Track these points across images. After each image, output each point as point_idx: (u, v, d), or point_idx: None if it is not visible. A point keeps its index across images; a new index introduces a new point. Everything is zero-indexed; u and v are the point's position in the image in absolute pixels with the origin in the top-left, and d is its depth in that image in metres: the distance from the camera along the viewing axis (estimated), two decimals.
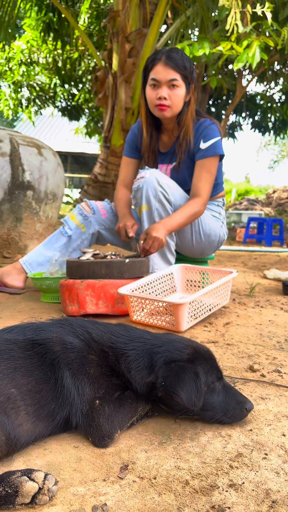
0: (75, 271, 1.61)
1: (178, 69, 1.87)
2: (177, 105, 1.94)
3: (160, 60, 1.88)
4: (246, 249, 4.64)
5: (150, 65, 1.92)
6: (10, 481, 0.60)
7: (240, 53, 3.57)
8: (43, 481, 0.61)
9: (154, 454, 0.77)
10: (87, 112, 9.77)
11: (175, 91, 1.90)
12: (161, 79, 1.88)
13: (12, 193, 2.89)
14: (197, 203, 1.91)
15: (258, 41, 3.52)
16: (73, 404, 0.79)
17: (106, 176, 6.06)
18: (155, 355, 0.85)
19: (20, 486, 0.60)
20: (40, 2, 7.05)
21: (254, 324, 1.59)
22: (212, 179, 1.97)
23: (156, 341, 0.88)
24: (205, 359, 0.86)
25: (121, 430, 0.80)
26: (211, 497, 0.66)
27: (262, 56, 3.57)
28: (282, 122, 8.97)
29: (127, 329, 0.92)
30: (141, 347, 0.87)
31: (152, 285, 1.67)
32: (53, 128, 17.51)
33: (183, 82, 1.91)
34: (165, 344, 0.87)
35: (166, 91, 1.89)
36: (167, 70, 1.87)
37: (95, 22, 7.58)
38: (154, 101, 1.93)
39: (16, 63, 8.37)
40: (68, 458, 0.75)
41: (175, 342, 0.88)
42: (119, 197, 2.13)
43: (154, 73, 1.89)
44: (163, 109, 1.92)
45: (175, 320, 1.41)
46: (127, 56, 5.47)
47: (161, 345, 0.87)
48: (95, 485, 0.68)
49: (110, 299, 1.56)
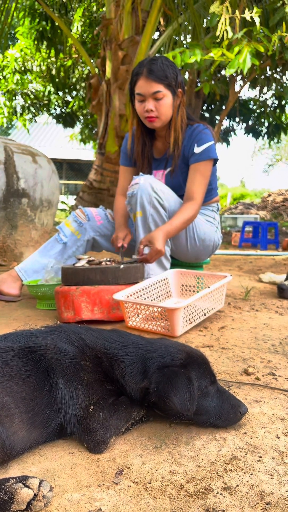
0: (70, 278, 1.62)
1: (159, 80, 1.90)
2: (165, 114, 1.96)
3: (141, 74, 1.92)
4: (242, 253, 4.66)
5: (134, 79, 1.96)
6: (5, 488, 0.60)
7: (231, 59, 3.61)
8: (38, 487, 0.62)
9: (149, 459, 0.77)
10: (81, 119, 9.81)
11: (161, 102, 1.93)
12: (145, 93, 1.92)
13: (7, 201, 2.90)
14: (191, 207, 1.92)
15: (249, 47, 3.56)
16: (68, 410, 0.79)
17: (102, 183, 6.08)
18: (149, 361, 0.85)
19: (15, 493, 0.60)
20: (33, 11, 7.11)
21: (249, 327, 1.60)
22: (206, 182, 1.99)
23: (149, 347, 0.89)
24: (198, 363, 0.86)
25: (116, 435, 0.80)
26: (205, 500, 0.67)
27: (253, 61, 3.61)
28: (275, 127, 9.03)
29: (121, 335, 0.92)
30: (134, 352, 0.88)
31: (147, 291, 1.68)
32: (48, 135, 17.57)
33: (167, 91, 1.93)
34: (158, 350, 0.88)
35: (152, 104, 1.93)
36: (149, 83, 1.90)
37: (88, 30, 7.64)
38: (142, 114, 1.97)
39: (10, 72, 8.42)
40: (63, 464, 0.75)
41: (168, 347, 0.88)
42: (116, 206, 2.16)
43: (138, 88, 1.94)
44: (152, 120, 1.97)
45: (170, 325, 1.42)
46: (120, 63, 5.52)
47: (155, 351, 0.88)
48: (90, 491, 0.68)
49: (106, 305, 1.57)
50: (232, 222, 9.35)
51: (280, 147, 23.61)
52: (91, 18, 7.55)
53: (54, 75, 8.28)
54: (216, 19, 3.85)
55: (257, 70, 5.21)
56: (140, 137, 2.10)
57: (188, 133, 2.04)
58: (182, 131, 2.03)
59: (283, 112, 8.50)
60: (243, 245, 5.56)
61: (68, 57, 7.97)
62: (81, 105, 8.89)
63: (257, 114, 8.89)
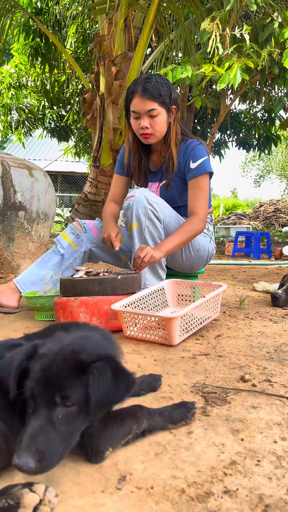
0: (69, 289, 1.64)
1: (154, 98, 1.96)
2: (159, 130, 2.02)
3: (136, 93, 1.97)
4: (235, 263, 4.71)
5: (129, 97, 2.02)
6: (12, 493, 0.62)
7: (222, 74, 3.71)
8: (44, 493, 0.63)
9: (150, 465, 0.79)
10: (75, 133, 9.93)
11: (156, 119, 1.99)
12: (140, 111, 1.97)
13: (4, 214, 2.92)
14: (194, 220, 1.97)
15: (239, 63, 3.67)
16: None
17: (96, 195, 6.13)
18: None
19: (22, 497, 0.62)
20: (27, 28, 7.24)
21: (245, 335, 1.63)
22: (205, 196, 2.04)
23: None
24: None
25: (116, 445, 0.82)
26: (207, 503, 0.69)
27: (244, 76, 3.71)
28: (266, 139, 9.20)
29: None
30: None
31: (144, 300, 1.71)
32: (43, 148, 17.69)
33: (162, 108, 1.99)
34: None
35: (147, 121, 1.98)
36: (143, 101, 1.96)
37: (81, 46, 7.79)
38: (138, 131, 2.03)
39: (5, 87, 8.53)
40: (67, 471, 0.77)
41: None
42: (105, 209, 2.21)
43: (133, 106, 2.00)
44: (147, 137, 2.03)
45: (167, 334, 1.44)
46: (114, 78, 5.63)
47: None
48: (94, 497, 0.70)
49: (104, 316, 1.59)
50: (225, 232, 9.44)
51: (270, 159, 23.96)
52: (84, 35, 7.70)
53: (49, 90, 8.41)
54: (207, 35, 3.97)
55: (247, 84, 5.33)
56: (136, 152, 2.16)
57: (183, 148, 2.10)
58: (177, 146, 2.09)
59: (272, 125, 8.68)
60: (236, 255, 5.61)
61: (62, 73, 8.10)
62: (75, 119, 9.00)
63: (247, 127, 9.06)
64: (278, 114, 8.06)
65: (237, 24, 4.67)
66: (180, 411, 0.90)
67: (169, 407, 0.91)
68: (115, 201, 2.24)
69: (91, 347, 0.75)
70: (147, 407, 0.88)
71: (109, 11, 5.20)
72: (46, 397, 0.69)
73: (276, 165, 24.54)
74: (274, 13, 3.89)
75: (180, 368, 1.27)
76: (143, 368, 1.27)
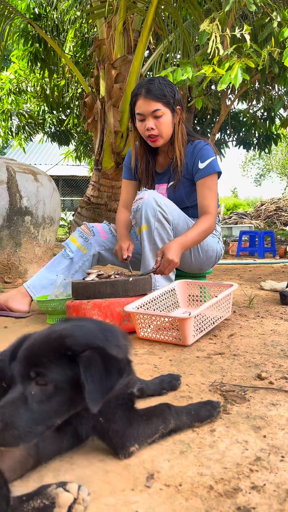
0: (81, 292, 1.65)
1: (157, 98, 1.98)
2: (165, 131, 2.04)
3: (140, 95, 2.00)
4: (240, 262, 4.71)
5: (133, 100, 2.04)
6: (47, 493, 0.63)
7: (222, 75, 3.73)
8: (77, 491, 0.65)
9: (176, 463, 0.80)
10: (75, 137, 9.96)
11: (161, 120, 2.00)
12: (145, 112, 1.99)
13: (10, 220, 2.94)
14: (207, 219, 1.98)
15: (239, 63, 3.69)
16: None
17: (99, 198, 6.15)
18: None
19: (57, 497, 0.63)
20: (26, 34, 7.28)
21: (257, 334, 1.64)
22: (215, 195, 2.05)
23: None
24: None
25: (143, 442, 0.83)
26: (235, 499, 0.70)
27: (244, 76, 3.73)
28: (266, 137, 9.22)
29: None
30: None
31: (156, 302, 1.72)
32: (44, 152, 17.74)
33: (166, 108, 2.01)
34: None
35: (152, 122, 2.00)
36: (148, 102, 1.98)
37: (80, 50, 7.82)
38: (144, 133, 2.05)
39: (5, 93, 8.58)
40: (95, 471, 0.78)
41: None
42: (118, 218, 2.21)
43: (137, 108, 2.02)
44: (154, 140, 2.04)
45: (181, 334, 1.45)
46: (114, 81, 5.65)
47: None
48: (125, 495, 0.71)
49: (117, 318, 1.60)
50: (228, 232, 9.46)
51: (270, 157, 23.97)
52: (82, 39, 7.74)
53: (48, 94, 8.45)
54: (207, 37, 3.99)
55: (248, 84, 5.35)
56: (143, 156, 2.17)
57: (190, 149, 2.11)
58: (183, 146, 2.10)
59: (272, 123, 8.70)
60: (241, 254, 5.62)
61: (61, 77, 8.14)
62: (75, 123, 9.04)
63: (247, 126, 9.08)
64: (278, 113, 8.08)
65: (235, 24, 4.69)
66: (206, 409, 0.91)
67: (194, 405, 0.92)
68: (127, 207, 2.25)
69: (80, 335, 0.74)
70: (174, 406, 0.89)
71: (108, 15, 5.23)
72: (22, 373, 0.69)
73: (277, 164, 24.55)
74: (273, 13, 3.91)
75: (196, 368, 1.28)
76: (160, 368, 1.28)
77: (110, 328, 0.82)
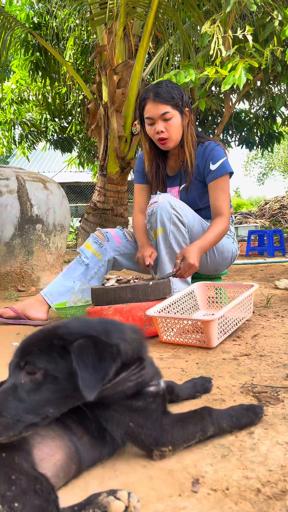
0: (102, 298, 1.65)
1: (166, 101, 1.98)
2: (175, 134, 2.04)
3: (149, 99, 2.01)
4: (251, 262, 4.70)
5: (142, 105, 2.05)
6: (98, 502, 0.63)
7: (225, 76, 3.73)
8: (128, 499, 0.64)
9: (220, 467, 0.80)
10: (78, 143, 10.01)
11: (170, 122, 2.01)
12: (154, 116, 2.00)
13: (22, 228, 2.96)
14: (221, 221, 1.98)
15: (243, 63, 3.69)
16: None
17: (105, 203, 6.17)
18: None
19: (108, 506, 0.62)
20: (26, 43, 7.34)
21: (281, 334, 1.63)
22: (227, 196, 2.05)
23: None
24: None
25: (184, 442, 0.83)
26: (285, 501, 0.69)
27: (248, 76, 3.73)
28: (268, 136, 9.20)
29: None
30: None
31: (177, 305, 1.71)
32: (47, 160, 17.82)
33: (175, 111, 2.01)
34: None
35: (162, 125, 2.01)
36: (156, 106, 1.98)
37: (80, 57, 7.87)
38: (154, 136, 2.06)
39: (8, 103, 8.64)
40: (139, 477, 0.77)
41: None
42: (136, 223, 2.21)
43: (146, 112, 2.03)
44: (164, 143, 2.05)
45: (206, 336, 1.45)
46: (116, 87, 5.68)
47: None
48: (173, 501, 0.71)
49: (139, 322, 1.60)
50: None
51: (273, 156, 23.94)
52: (82, 46, 7.79)
53: (50, 102, 8.50)
54: (208, 38, 4.00)
55: (251, 84, 5.36)
56: (153, 160, 2.18)
57: (201, 151, 2.11)
58: (194, 148, 2.11)
59: (274, 122, 8.69)
60: (250, 254, 5.60)
61: (63, 85, 8.19)
62: (77, 130, 9.09)
63: (249, 126, 9.07)
64: (280, 111, 8.07)
65: (235, 25, 4.70)
66: (248, 416, 0.89)
67: (236, 411, 0.89)
68: (142, 212, 2.25)
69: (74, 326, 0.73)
70: (216, 411, 0.88)
71: (108, 21, 5.26)
72: (15, 364, 0.70)
73: (279, 162, 24.51)
74: (274, 12, 3.91)
75: (224, 370, 1.27)
76: (187, 372, 1.27)
77: (115, 322, 0.81)
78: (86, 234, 6.29)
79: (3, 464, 0.61)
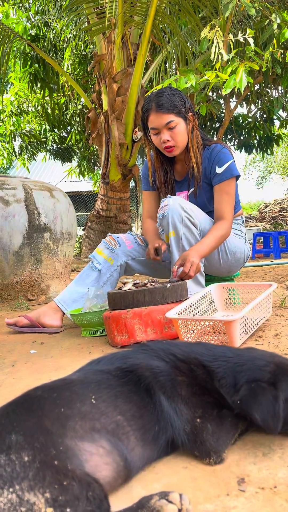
0: (119, 302, 1.64)
1: (169, 111, 1.98)
2: (181, 141, 2.04)
3: (151, 110, 2.01)
4: (258, 264, 4.69)
5: (145, 115, 2.05)
6: (151, 506, 0.61)
7: (226, 80, 3.75)
8: (180, 501, 0.63)
9: (263, 465, 0.78)
10: (77, 153, 10.05)
11: (175, 130, 2.01)
12: (158, 126, 2.00)
13: (30, 237, 2.95)
14: (223, 225, 1.97)
15: (243, 66, 3.72)
16: (174, 425, 0.80)
17: (108, 211, 6.18)
18: (238, 374, 0.86)
19: (161, 509, 0.61)
20: (24, 55, 7.41)
21: None
22: (232, 200, 2.04)
23: (238, 359, 0.90)
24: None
25: (226, 446, 0.81)
26: None
27: (248, 79, 3.75)
28: (267, 139, 9.25)
29: (208, 348, 0.94)
30: (225, 365, 0.88)
31: (195, 306, 1.70)
32: (47, 170, 17.89)
33: (179, 118, 2.01)
34: (247, 363, 0.88)
35: (167, 134, 2.00)
36: (160, 116, 1.98)
37: (78, 67, 7.95)
38: (160, 146, 2.06)
39: (7, 115, 8.70)
40: (182, 478, 0.76)
41: (256, 360, 0.89)
42: (146, 228, 2.20)
43: (150, 123, 2.03)
44: (171, 150, 2.05)
45: (228, 337, 1.43)
46: (116, 95, 5.72)
47: (243, 364, 0.88)
48: (221, 501, 0.69)
49: (158, 325, 1.59)
50: None
51: (271, 159, 24.03)
52: (80, 56, 7.87)
53: (49, 113, 8.56)
54: (207, 43, 4.03)
55: (251, 87, 5.39)
56: (160, 166, 2.18)
57: (207, 154, 2.11)
58: (200, 152, 2.10)
59: (272, 125, 8.74)
60: (256, 256, 5.59)
61: (61, 95, 8.26)
62: (77, 139, 9.14)
63: (248, 129, 9.13)
64: (278, 114, 8.12)
65: (232, 30, 4.75)
66: None
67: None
68: (151, 218, 2.25)
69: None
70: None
71: (107, 31, 5.32)
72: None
73: (278, 165, 24.60)
74: (272, 15, 3.95)
75: None
76: None
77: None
78: (90, 242, 6.29)
79: (56, 470, 0.59)
